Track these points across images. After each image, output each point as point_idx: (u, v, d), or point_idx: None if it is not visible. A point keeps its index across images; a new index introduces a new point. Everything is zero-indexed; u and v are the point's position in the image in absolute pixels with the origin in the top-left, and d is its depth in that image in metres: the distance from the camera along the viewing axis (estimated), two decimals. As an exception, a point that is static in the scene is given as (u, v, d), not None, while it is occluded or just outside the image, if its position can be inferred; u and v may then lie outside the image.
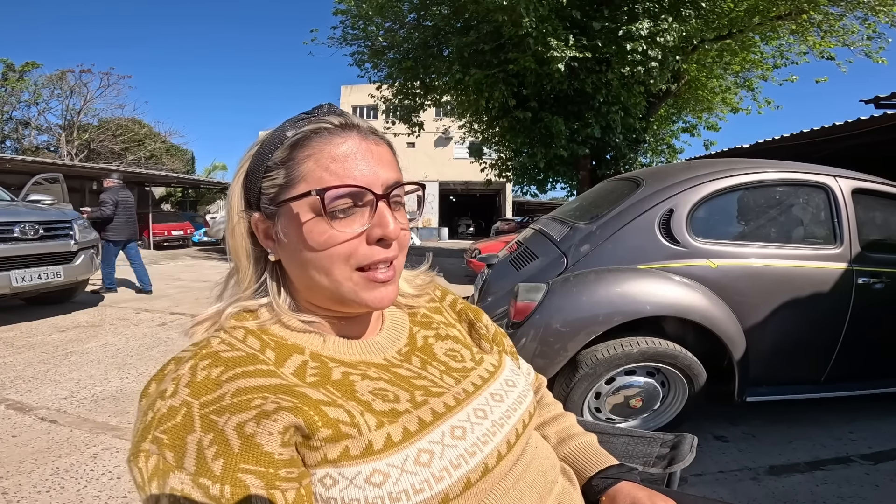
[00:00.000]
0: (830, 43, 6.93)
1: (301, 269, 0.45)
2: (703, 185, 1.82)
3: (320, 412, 0.39)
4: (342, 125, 0.45)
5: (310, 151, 0.44)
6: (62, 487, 1.51)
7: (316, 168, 0.43)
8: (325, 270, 0.44)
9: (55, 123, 19.60)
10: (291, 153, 0.44)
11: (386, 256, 0.45)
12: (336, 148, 0.44)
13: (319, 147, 0.44)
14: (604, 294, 1.67)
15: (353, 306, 0.46)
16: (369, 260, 0.44)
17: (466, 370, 0.53)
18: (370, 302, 0.45)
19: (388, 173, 0.45)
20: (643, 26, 5.38)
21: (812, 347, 1.86)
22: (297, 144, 0.44)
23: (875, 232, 2.00)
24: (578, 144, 6.74)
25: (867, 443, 1.91)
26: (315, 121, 0.45)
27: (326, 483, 0.38)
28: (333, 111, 0.47)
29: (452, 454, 0.42)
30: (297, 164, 0.44)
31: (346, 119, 0.46)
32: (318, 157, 0.44)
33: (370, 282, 0.45)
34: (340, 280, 0.44)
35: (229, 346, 0.42)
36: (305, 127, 0.45)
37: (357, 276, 0.44)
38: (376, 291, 0.45)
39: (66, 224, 3.88)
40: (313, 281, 0.45)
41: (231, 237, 0.48)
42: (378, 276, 0.45)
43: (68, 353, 2.91)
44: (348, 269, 0.44)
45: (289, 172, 0.44)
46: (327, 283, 0.44)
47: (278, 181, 0.45)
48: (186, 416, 0.36)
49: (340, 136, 0.45)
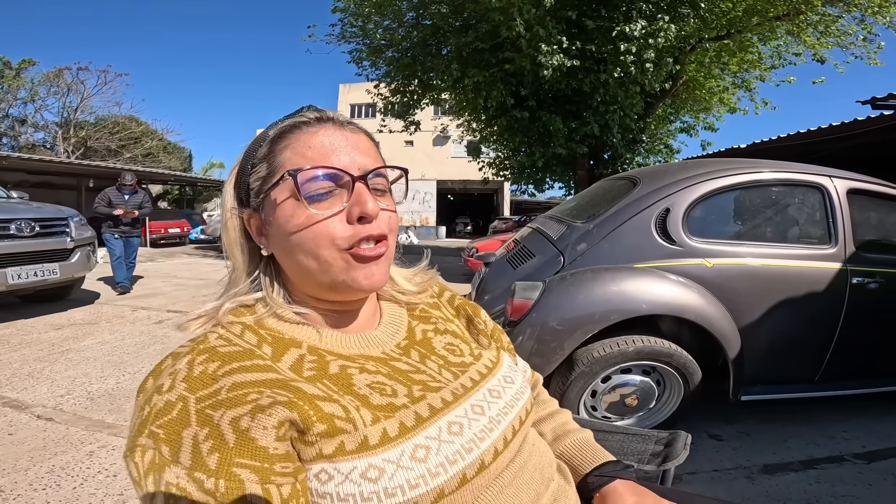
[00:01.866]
0: (827, 44, 6.96)
1: (289, 256, 0.46)
2: (700, 184, 1.83)
3: (315, 407, 0.39)
4: (318, 118, 0.48)
5: (287, 143, 0.46)
6: (58, 485, 1.51)
7: (293, 156, 0.45)
8: (312, 254, 0.44)
9: (52, 121, 19.54)
10: (272, 147, 0.47)
11: (370, 233, 0.45)
12: (312, 137, 0.46)
13: (296, 137, 0.46)
14: (600, 293, 1.67)
15: (344, 290, 0.46)
16: (354, 238, 0.44)
17: (465, 365, 0.53)
18: (360, 280, 0.45)
19: (365, 159, 0.47)
20: (637, 27, 5.38)
21: (806, 346, 1.87)
22: (277, 138, 0.47)
23: (870, 232, 2.01)
24: (577, 143, 6.74)
25: (861, 442, 1.92)
26: (293, 117, 0.49)
27: (322, 478, 0.38)
28: (311, 109, 0.50)
29: (449, 450, 0.42)
30: (276, 155, 0.46)
31: (322, 113, 0.49)
32: (294, 146, 0.46)
33: (358, 260, 0.45)
34: (329, 261, 0.44)
35: (226, 342, 0.43)
36: (284, 123, 0.48)
37: (346, 255, 0.45)
38: (366, 269, 0.45)
39: (63, 221, 3.86)
40: (302, 267, 0.45)
41: (225, 234, 0.49)
42: (365, 251, 0.45)
43: (64, 351, 2.90)
44: (335, 249, 0.44)
45: (270, 165, 0.46)
46: (316, 267, 0.45)
47: (261, 174, 0.47)
48: (182, 410, 0.37)
49: (315, 127, 0.47)
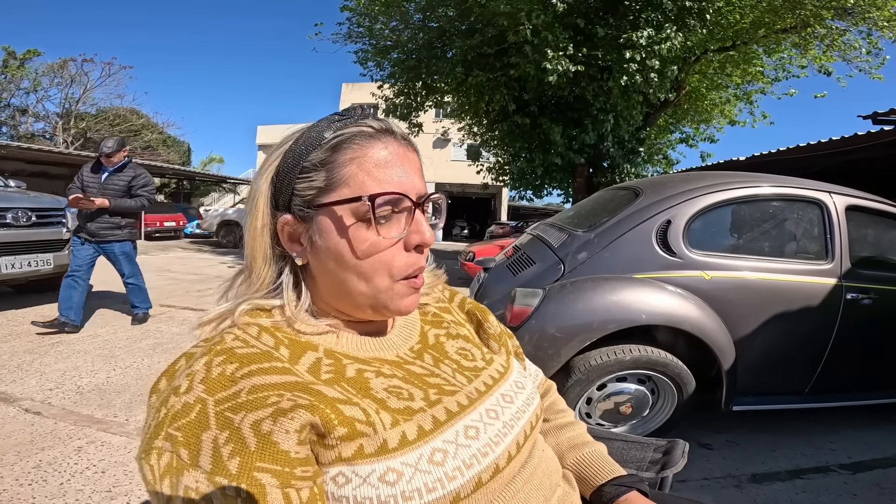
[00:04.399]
0: (832, 58, 6.99)
1: (336, 274, 0.45)
2: (701, 197, 1.84)
3: (336, 410, 0.39)
4: (382, 129, 0.45)
5: (352, 154, 0.43)
6: (45, 480, 1.48)
7: (359, 172, 0.43)
8: (366, 277, 0.44)
9: (53, 111, 19.39)
10: (332, 155, 0.43)
11: (422, 265, 0.47)
12: (378, 153, 0.44)
13: (362, 151, 0.43)
14: (599, 302, 1.68)
15: (384, 313, 0.47)
16: (409, 269, 0.45)
17: (478, 369, 0.53)
18: (403, 308, 0.47)
19: (421, 182, 0.47)
20: (643, 35, 5.42)
21: (798, 360, 1.89)
22: (339, 147, 0.43)
23: (866, 248, 2.03)
24: (575, 152, 6.78)
25: (847, 453, 1.94)
26: (354, 123, 0.44)
27: (339, 481, 0.38)
28: (369, 113, 0.46)
29: (466, 454, 0.42)
30: (339, 166, 0.43)
31: (385, 124, 0.46)
32: (360, 161, 0.43)
33: (410, 288, 0.46)
34: (381, 288, 0.45)
35: (243, 343, 0.42)
36: (346, 129, 0.44)
37: (399, 286, 0.45)
38: (408, 298, 0.47)
39: (59, 212, 3.83)
40: (348, 287, 0.45)
41: (253, 237, 0.46)
42: (417, 283, 0.47)
43: (55, 344, 2.87)
44: (388, 278, 0.45)
45: (329, 175, 0.43)
46: (366, 290, 0.45)
47: (317, 183, 0.43)
48: (201, 412, 0.36)
49: (381, 141, 0.44)
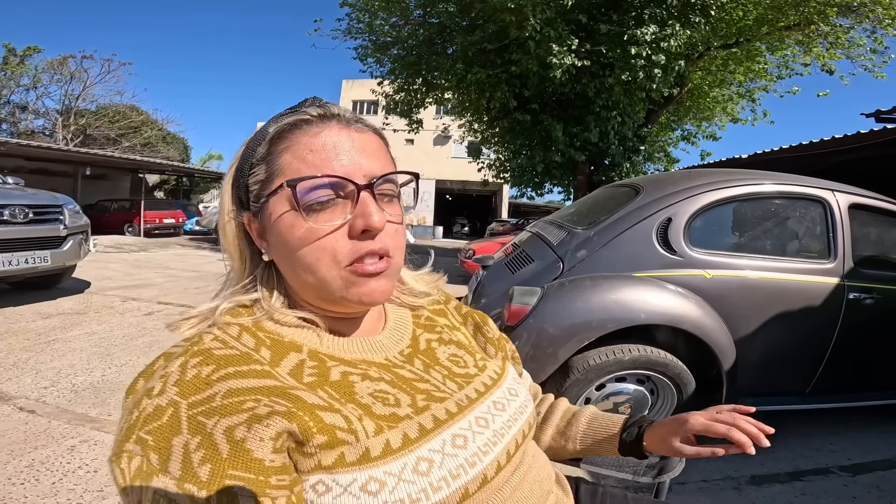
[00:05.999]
0: (836, 55, 6.95)
1: (290, 268, 0.44)
2: (703, 194, 1.82)
3: (316, 417, 0.37)
4: (321, 115, 0.44)
5: (287, 144, 0.42)
6: (37, 480, 1.47)
7: (293, 160, 0.42)
8: (310, 269, 0.42)
9: (52, 108, 19.37)
10: (271, 147, 0.43)
11: (372, 249, 0.42)
12: (313, 138, 0.42)
13: (297, 138, 0.42)
14: (598, 301, 1.66)
15: (344, 304, 0.44)
16: (355, 254, 0.42)
17: (469, 376, 0.51)
18: (360, 297, 0.43)
19: (372, 163, 0.43)
20: (648, 31, 5.38)
21: (799, 360, 1.87)
22: (277, 138, 0.43)
23: (869, 248, 2.00)
24: (576, 150, 6.74)
25: (846, 455, 1.93)
26: (295, 113, 0.44)
27: (319, 490, 0.36)
28: (315, 103, 0.45)
29: (452, 464, 0.40)
30: (276, 157, 0.43)
31: (326, 110, 0.44)
32: (294, 149, 0.42)
33: (358, 276, 0.42)
34: (327, 279, 0.42)
35: (222, 344, 0.40)
36: (285, 120, 0.44)
37: (345, 273, 0.42)
38: (366, 286, 0.42)
39: (57, 209, 3.81)
40: (302, 279, 0.43)
41: (223, 236, 0.47)
42: (367, 267, 0.42)
43: (51, 341, 2.85)
44: (335, 266, 0.41)
45: (269, 167, 0.43)
46: (314, 282, 0.42)
47: (260, 177, 0.43)
48: (173, 416, 0.34)
49: (318, 126, 0.43)
